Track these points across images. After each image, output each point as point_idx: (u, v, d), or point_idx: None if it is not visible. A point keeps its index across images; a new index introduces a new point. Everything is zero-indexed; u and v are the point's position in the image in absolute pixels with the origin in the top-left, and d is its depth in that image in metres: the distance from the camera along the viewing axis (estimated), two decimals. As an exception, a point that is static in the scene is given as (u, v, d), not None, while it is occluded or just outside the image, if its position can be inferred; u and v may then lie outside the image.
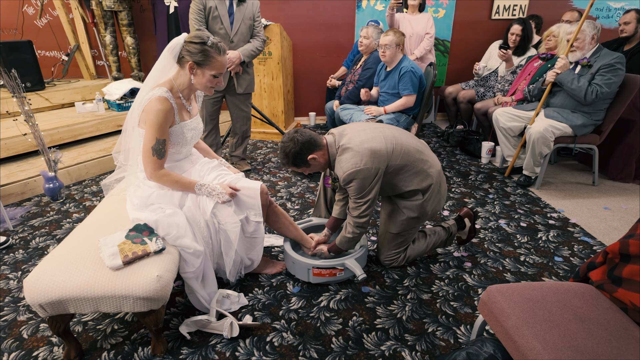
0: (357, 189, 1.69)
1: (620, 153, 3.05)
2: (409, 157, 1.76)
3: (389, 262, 1.97)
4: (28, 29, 4.69)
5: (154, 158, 1.55)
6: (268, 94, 4.17)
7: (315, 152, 1.73)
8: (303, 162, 1.74)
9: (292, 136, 1.71)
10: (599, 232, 2.33)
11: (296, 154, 1.71)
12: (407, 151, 1.75)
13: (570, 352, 0.97)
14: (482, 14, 4.57)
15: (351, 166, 1.65)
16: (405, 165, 1.76)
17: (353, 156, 1.66)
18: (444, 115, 5.09)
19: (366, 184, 1.68)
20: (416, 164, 1.77)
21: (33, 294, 1.27)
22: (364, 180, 1.67)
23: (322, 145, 1.75)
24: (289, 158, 1.73)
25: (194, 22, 2.68)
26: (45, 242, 2.25)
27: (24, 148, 3.06)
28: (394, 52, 2.90)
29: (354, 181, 1.67)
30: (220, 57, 1.61)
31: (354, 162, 1.65)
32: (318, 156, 1.74)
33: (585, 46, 2.69)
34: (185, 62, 1.58)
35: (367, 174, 1.66)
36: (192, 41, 1.56)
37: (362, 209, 1.73)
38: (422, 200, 1.82)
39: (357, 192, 1.70)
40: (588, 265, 1.27)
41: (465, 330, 1.60)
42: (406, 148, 1.76)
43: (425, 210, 1.85)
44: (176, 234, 1.50)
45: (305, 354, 1.49)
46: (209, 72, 1.60)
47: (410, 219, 1.85)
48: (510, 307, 1.11)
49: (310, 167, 1.78)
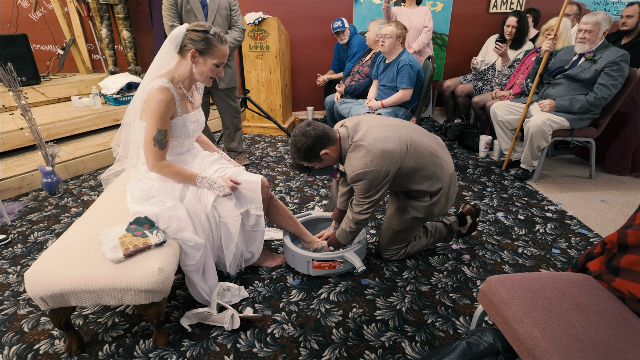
0: (364, 189, 1.65)
1: (617, 146, 3.07)
2: (422, 159, 1.69)
3: (389, 257, 1.98)
4: (23, 23, 4.64)
5: (155, 148, 1.55)
6: (266, 88, 4.15)
7: (328, 146, 1.67)
8: (315, 157, 1.68)
9: (305, 130, 1.64)
10: (595, 225, 2.35)
11: (308, 149, 1.65)
12: (420, 153, 1.69)
13: (569, 340, 0.99)
14: (480, 8, 4.56)
15: (361, 166, 1.60)
16: (417, 169, 1.70)
17: (364, 155, 1.60)
18: (442, 109, 5.09)
19: (374, 185, 1.64)
20: (429, 167, 1.71)
21: (34, 286, 1.27)
22: (372, 182, 1.63)
23: (336, 140, 1.69)
24: (301, 152, 1.67)
25: (166, 18, 2.59)
26: (44, 237, 2.24)
27: (20, 142, 3.04)
28: (393, 44, 2.88)
29: (362, 181, 1.63)
30: (222, 46, 1.61)
31: (364, 162, 1.60)
32: (331, 151, 1.68)
33: (596, 40, 2.65)
34: (187, 51, 1.57)
35: (376, 176, 1.61)
36: (194, 29, 1.56)
37: (364, 207, 1.71)
38: (430, 202, 1.79)
39: (364, 192, 1.67)
40: (586, 255, 1.29)
41: (464, 321, 1.62)
42: (420, 150, 1.69)
43: (432, 212, 1.82)
44: (177, 227, 1.50)
45: (306, 345, 1.50)
46: (211, 61, 1.60)
47: (416, 218, 1.83)
48: (509, 297, 1.13)
49: (322, 162, 1.72)
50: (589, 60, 2.69)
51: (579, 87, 2.76)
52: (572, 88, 2.79)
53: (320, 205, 2.61)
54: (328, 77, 4.21)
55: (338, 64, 4.24)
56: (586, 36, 2.66)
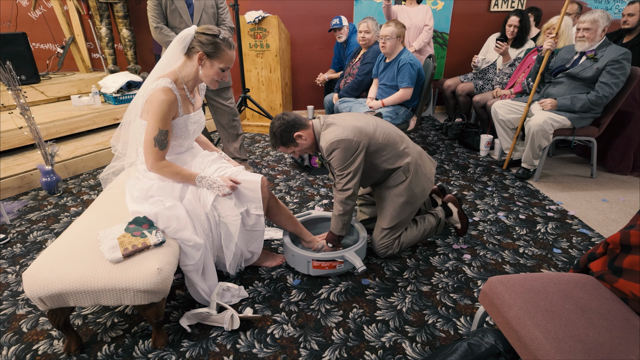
0: (340, 159, 1.74)
1: (618, 145, 3.05)
2: (390, 138, 1.86)
3: (384, 251, 1.97)
4: (22, 21, 4.63)
5: (155, 149, 1.54)
6: (266, 87, 4.14)
7: (301, 129, 1.81)
8: (290, 140, 1.81)
9: (279, 116, 1.82)
10: (597, 224, 2.34)
11: (283, 132, 1.79)
12: (388, 133, 1.87)
13: (571, 341, 0.98)
14: (481, 6, 4.55)
15: (334, 136, 1.73)
16: (386, 145, 1.84)
17: (336, 129, 1.76)
18: (443, 108, 5.08)
19: (348, 155, 1.74)
20: (397, 144, 1.88)
21: (32, 287, 1.26)
22: (345, 151, 1.73)
23: (308, 126, 1.84)
24: (277, 137, 1.81)
25: (151, 20, 2.50)
26: (43, 236, 2.24)
27: (20, 142, 3.04)
28: (395, 44, 2.87)
29: (336, 151, 1.73)
30: (230, 51, 1.62)
31: (336, 134, 1.74)
32: (304, 134, 1.81)
33: (596, 37, 2.65)
34: (195, 53, 1.57)
35: (348, 145, 1.73)
36: (204, 32, 1.56)
37: (345, 181, 1.78)
38: (407, 180, 1.88)
39: (340, 163, 1.75)
40: (588, 256, 1.28)
41: (465, 321, 1.61)
42: (387, 131, 1.87)
43: (413, 192, 1.90)
44: (176, 226, 1.50)
45: (306, 346, 1.49)
46: (218, 65, 1.61)
47: (402, 204, 1.91)
48: (511, 298, 1.12)
49: (298, 146, 1.84)
50: (591, 59, 2.67)
51: (580, 85, 2.75)
52: (574, 87, 2.77)
53: (320, 204, 2.60)
54: (328, 77, 4.20)
55: (338, 63, 4.23)
56: (585, 34, 2.66)
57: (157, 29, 2.52)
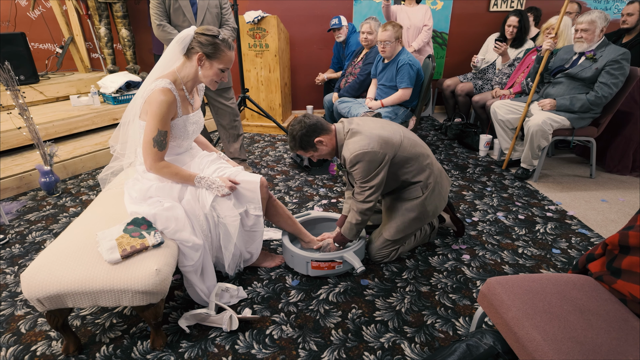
0: (363, 171, 1.69)
1: (617, 145, 3.06)
2: (415, 150, 1.80)
3: (380, 260, 1.96)
4: (21, 21, 4.62)
5: (154, 149, 1.54)
6: (265, 87, 4.14)
7: (322, 135, 1.74)
8: (310, 145, 1.75)
9: (300, 119, 1.75)
10: (596, 225, 2.34)
11: (303, 136, 1.73)
12: (414, 144, 1.81)
13: (570, 343, 0.98)
14: (480, 6, 4.55)
15: (359, 148, 1.66)
16: (411, 158, 1.78)
17: (362, 139, 1.68)
18: (442, 108, 5.08)
19: (372, 167, 1.68)
20: (421, 159, 1.82)
21: (30, 288, 1.26)
22: (370, 164, 1.67)
23: (330, 130, 1.77)
24: (296, 141, 1.75)
25: (154, 17, 2.49)
26: (42, 237, 2.23)
27: (18, 142, 3.03)
28: (394, 47, 2.87)
29: (360, 164, 1.68)
30: (230, 52, 1.62)
31: (361, 145, 1.66)
32: (325, 140, 1.75)
33: (594, 38, 2.65)
34: (194, 53, 1.57)
35: (373, 157, 1.67)
36: (204, 33, 1.56)
37: (367, 194, 1.74)
38: (423, 197, 1.83)
39: (363, 176, 1.70)
40: (587, 257, 1.28)
41: (464, 322, 1.61)
42: (413, 142, 1.81)
43: (426, 209, 1.85)
44: (175, 227, 1.49)
45: (305, 347, 1.49)
46: (217, 65, 1.61)
47: (412, 220, 1.86)
48: (510, 299, 1.12)
49: (317, 151, 1.78)
50: (590, 59, 2.67)
51: (579, 86, 2.75)
52: (573, 87, 2.77)
53: (320, 205, 2.60)
54: (327, 76, 4.20)
55: (338, 63, 4.23)
56: (583, 35, 2.66)
57: (159, 27, 2.52)
